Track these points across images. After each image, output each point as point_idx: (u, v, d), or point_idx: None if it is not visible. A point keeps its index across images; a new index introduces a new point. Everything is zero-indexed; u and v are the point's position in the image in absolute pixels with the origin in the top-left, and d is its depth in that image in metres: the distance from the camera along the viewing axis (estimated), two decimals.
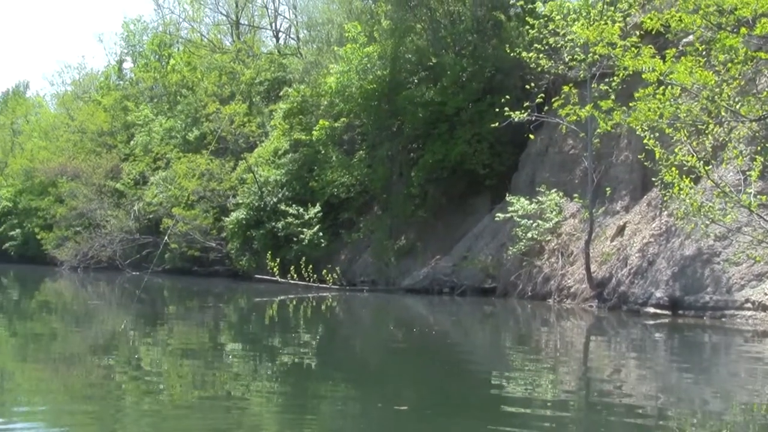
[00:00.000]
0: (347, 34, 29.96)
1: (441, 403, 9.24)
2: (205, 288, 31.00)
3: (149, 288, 32.46)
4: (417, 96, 28.48)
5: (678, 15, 14.28)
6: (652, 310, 18.82)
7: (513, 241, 24.21)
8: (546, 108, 22.15)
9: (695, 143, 15.99)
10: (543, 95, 22.69)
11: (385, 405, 9.09)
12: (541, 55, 21.87)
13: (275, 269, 29.34)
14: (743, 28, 13.66)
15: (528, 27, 23.65)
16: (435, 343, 15.40)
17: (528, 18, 24.04)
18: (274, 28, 49.77)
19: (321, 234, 30.98)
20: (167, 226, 37.18)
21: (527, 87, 23.68)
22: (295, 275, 28.67)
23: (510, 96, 22.99)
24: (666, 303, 18.63)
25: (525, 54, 22.43)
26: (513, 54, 23.67)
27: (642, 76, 14.99)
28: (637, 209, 21.94)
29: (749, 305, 16.96)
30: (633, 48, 15.76)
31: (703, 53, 14.83)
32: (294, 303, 24.35)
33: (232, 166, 37.43)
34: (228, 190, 36.66)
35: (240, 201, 34.71)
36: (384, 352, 14.42)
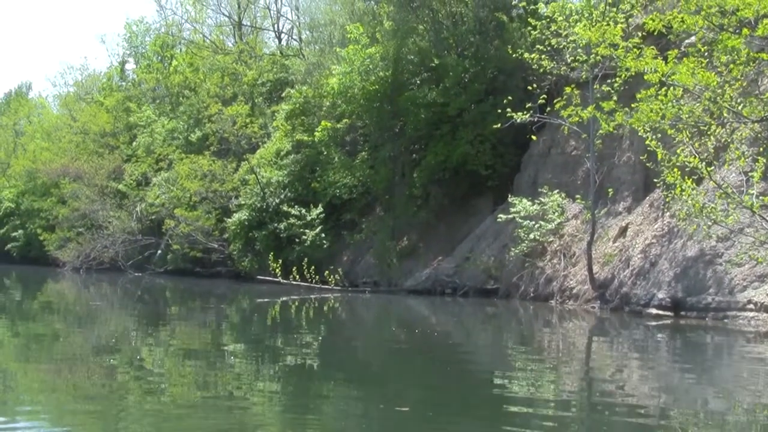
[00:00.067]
0: (349, 35, 29.96)
1: (442, 404, 9.24)
2: (207, 289, 31.01)
3: (151, 289, 32.53)
4: (419, 97, 28.47)
5: (680, 16, 14.31)
6: (654, 311, 18.81)
7: (515, 242, 24.21)
8: (548, 109, 22.16)
9: (697, 144, 16.01)
10: (545, 96, 22.69)
11: (387, 406, 9.09)
12: (544, 56, 21.87)
13: (277, 270, 29.36)
14: (745, 29, 13.67)
15: (530, 28, 23.67)
16: (437, 344, 15.40)
17: (530, 19, 24.07)
18: (276, 29, 49.85)
19: (323, 235, 30.98)
20: (169, 227, 37.25)
21: (529, 88, 23.68)
22: (297, 276, 28.68)
23: (512, 97, 22.99)
24: (668, 304, 18.61)
25: (527, 55, 22.44)
26: (515, 55, 23.68)
27: (644, 77, 15.01)
28: (640, 210, 21.93)
29: (751, 306, 16.95)
30: (635, 49, 15.79)
31: (705, 54, 14.84)
32: (296, 304, 24.35)
33: (234, 167, 37.42)
34: (230, 191, 36.65)
35: (242, 202, 34.70)
36: (386, 352, 14.42)
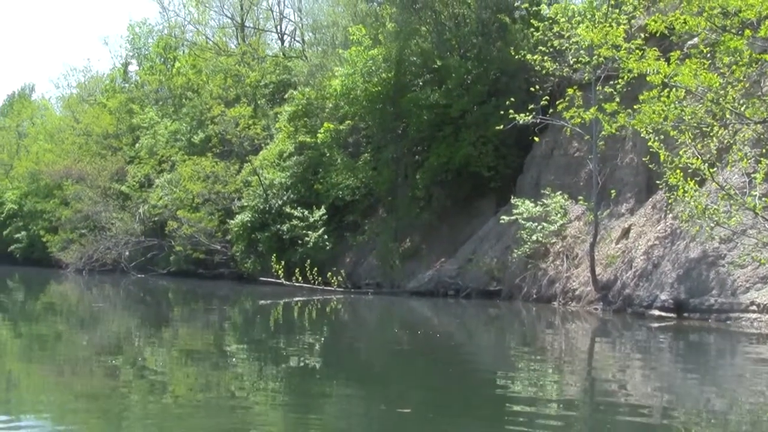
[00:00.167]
0: (352, 36, 29.99)
1: (444, 406, 9.24)
2: (210, 290, 31.04)
3: (154, 290, 32.57)
4: (422, 98, 28.47)
5: (682, 17, 14.30)
6: (657, 312, 18.80)
7: (518, 244, 24.21)
8: (551, 110, 22.14)
9: (700, 146, 15.98)
10: (548, 98, 22.65)
11: (389, 407, 9.09)
12: (546, 58, 21.85)
13: (280, 272, 29.39)
14: (748, 30, 13.66)
15: (533, 29, 23.64)
16: (439, 346, 15.41)
17: (533, 20, 24.04)
18: (279, 30, 49.90)
19: (326, 237, 30.98)
20: (172, 228, 37.27)
21: (532, 89, 23.67)
22: (300, 278, 28.68)
23: (515, 98, 22.98)
24: (671, 306, 18.60)
25: (530, 56, 22.43)
26: (518, 56, 23.68)
27: (646, 78, 14.99)
28: (642, 212, 21.92)
29: (754, 308, 16.93)
30: (637, 50, 15.79)
31: (708, 55, 14.82)
32: (299, 305, 24.36)
33: (237, 168, 37.44)
34: (233, 192, 36.67)
35: (245, 203, 34.71)
36: (388, 354, 14.43)
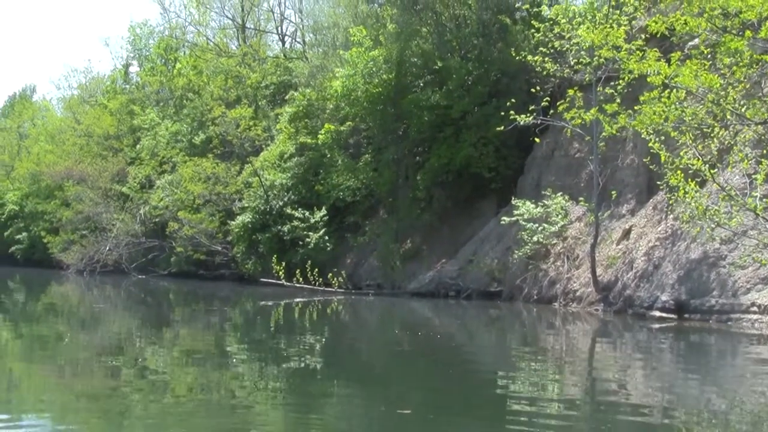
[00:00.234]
0: (353, 37, 30.01)
1: (444, 406, 9.24)
2: (211, 291, 31.05)
3: (155, 291, 32.58)
4: (423, 99, 28.49)
5: (683, 18, 14.29)
6: (657, 313, 18.79)
7: (519, 245, 24.21)
8: (551, 111, 22.14)
9: (701, 146, 15.99)
10: (548, 98, 22.65)
11: (389, 408, 9.09)
12: (547, 59, 21.86)
13: (281, 273, 29.41)
14: (748, 31, 13.67)
15: (533, 30, 23.65)
16: (440, 346, 15.41)
17: (533, 21, 24.04)
18: (279, 31, 49.92)
19: (327, 238, 31.00)
20: (173, 229, 37.30)
21: (533, 90, 23.66)
22: (301, 279, 28.70)
23: (515, 99, 22.96)
24: (672, 306, 18.60)
25: (530, 57, 22.43)
26: (518, 57, 23.70)
27: (647, 79, 14.99)
28: (643, 213, 21.92)
29: (755, 309, 16.92)
30: (638, 51, 15.78)
31: (708, 56, 14.82)
32: (299, 306, 24.37)
33: (237, 169, 37.48)
34: (234, 193, 36.71)
35: (246, 204, 34.75)
36: (389, 355, 14.43)
